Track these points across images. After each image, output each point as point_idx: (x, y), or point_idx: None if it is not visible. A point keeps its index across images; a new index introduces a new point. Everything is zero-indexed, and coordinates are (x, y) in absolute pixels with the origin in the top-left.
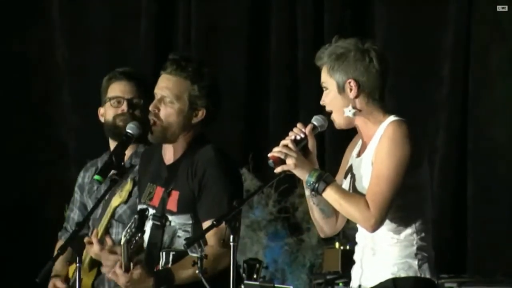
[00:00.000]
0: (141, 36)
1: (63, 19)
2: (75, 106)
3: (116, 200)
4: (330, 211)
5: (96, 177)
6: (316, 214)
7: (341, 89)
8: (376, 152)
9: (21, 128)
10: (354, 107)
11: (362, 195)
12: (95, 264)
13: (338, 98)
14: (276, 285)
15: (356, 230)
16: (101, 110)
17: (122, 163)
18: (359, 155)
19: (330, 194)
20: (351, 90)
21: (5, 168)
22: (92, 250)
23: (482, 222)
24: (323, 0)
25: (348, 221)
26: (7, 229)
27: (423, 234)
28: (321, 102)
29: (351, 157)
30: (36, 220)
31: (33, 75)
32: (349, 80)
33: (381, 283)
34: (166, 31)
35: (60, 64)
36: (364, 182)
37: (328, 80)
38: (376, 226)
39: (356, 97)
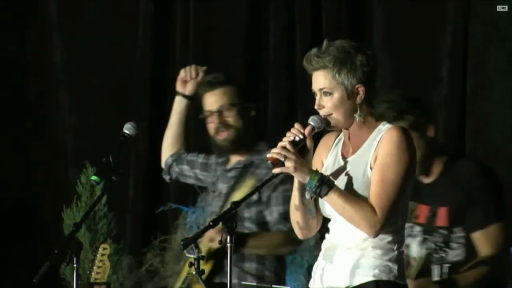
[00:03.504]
0: (139, 37)
1: (60, 20)
2: (72, 106)
3: (238, 195)
4: (314, 213)
5: (93, 177)
6: (302, 215)
7: (350, 94)
8: (379, 157)
9: (19, 129)
10: (361, 112)
11: (364, 199)
12: (212, 256)
13: (346, 103)
14: (274, 286)
15: None
16: None
17: (119, 164)
18: (345, 156)
19: (333, 198)
20: (358, 94)
21: (2, 168)
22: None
23: None
24: (321, 1)
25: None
26: (4, 230)
27: (402, 242)
28: (318, 107)
29: (333, 159)
30: (33, 220)
31: (31, 75)
32: (358, 85)
33: (362, 284)
34: (164, 32)
35: (57, 64)
36: (356, 184)
37: (333, 85)
38: (380, 231)
39: (362, 102)
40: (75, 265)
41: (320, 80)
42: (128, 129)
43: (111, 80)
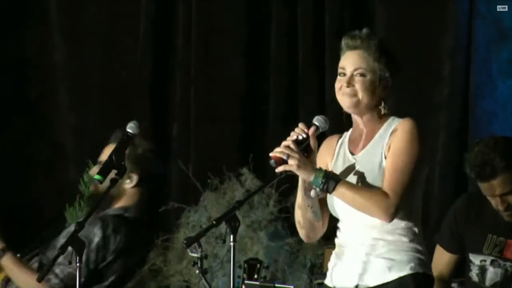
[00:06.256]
0: (140, 37)
1: (61, 19)
2: (73, 106)
3: None
4: (320, 215)
5: (96, 176)
6: (307, 217)
7: (381, 83)
8: (392, 146)
9: (19, 128)
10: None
11: (374, 187)
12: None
13: (375, 90)
14: (276, 285)
15: None
16: None
17: (122, 163)
18: (353, 153)
19: (341, 192)
20: (384, 87)
21: (3, 168)
22: None
23: None
24: (323, 1)
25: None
26: (5, 230)
27: (422, 234)
28: (347, 84)
29: (342, 159)
30: (34, 220)
31: (31, 75)
32: (389, 79)
33: (401, 278)
34: (165, 32)
35: (58, 64)
36: (372, 175)
37: (370, 68)
38: (395, 214)
39: (385, 96)
40: (77, 264)
41: (358, 60)
42: (131, 128)
43: (111, 80)
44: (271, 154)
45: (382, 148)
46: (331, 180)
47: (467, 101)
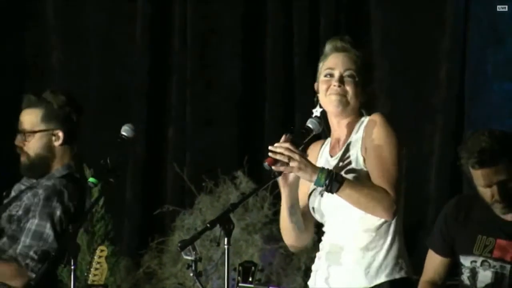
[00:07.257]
0: (137, 38)
1: (58, 21)
2: None
3: None
4: (303, 227)
5: (91, 179)
6: (291, 229)
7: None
8: (369, 142)
9: (16, 132)
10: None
11: (374, 185)
12: None
13: (361, 92)
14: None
15: None
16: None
17: (117, 166)
18: (333, 155)
19: (345, 192)
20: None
21: (1, 170)
22: None
23: None
24: (319, 4)
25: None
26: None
27: (400, 231)
28: (338, 84)
29: (322, 162)
30: None
31: (28, 77)
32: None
33: (376, 286)
34: (162, 34)
35: (55, 66)
36: (351, 176)
37: (358, 71)
38: (397, 211)
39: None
40: (72, 267)
41: (347, 61)
42: (125, 131)
43: (108, 82)
44: (270, 153)
45: (357, 146)
46: (334, 182)
47: (463, 104)
